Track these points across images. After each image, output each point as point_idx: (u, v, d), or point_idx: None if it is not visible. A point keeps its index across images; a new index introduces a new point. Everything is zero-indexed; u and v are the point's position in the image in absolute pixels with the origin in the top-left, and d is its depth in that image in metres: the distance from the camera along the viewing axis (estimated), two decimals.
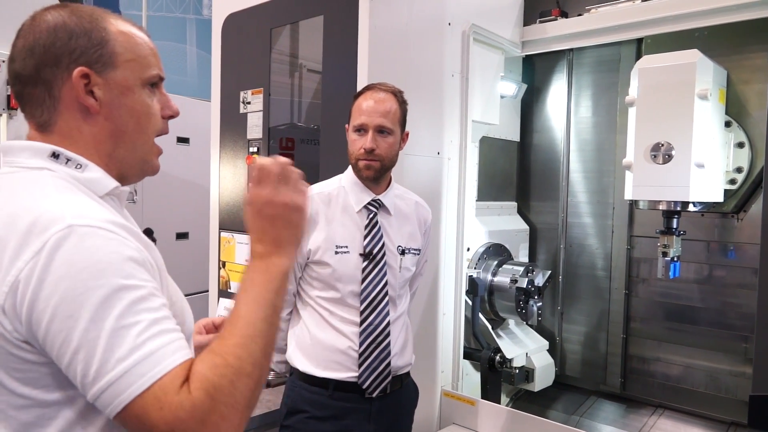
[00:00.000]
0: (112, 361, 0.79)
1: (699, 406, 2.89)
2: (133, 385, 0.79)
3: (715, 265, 2.87)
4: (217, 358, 0.85)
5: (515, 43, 3.12)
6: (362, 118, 1.87)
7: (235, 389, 0.84)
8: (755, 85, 2.65)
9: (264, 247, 0.99)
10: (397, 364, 1.93)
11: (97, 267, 0.81)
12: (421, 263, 2.12)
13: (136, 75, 0.99)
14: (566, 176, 3.37)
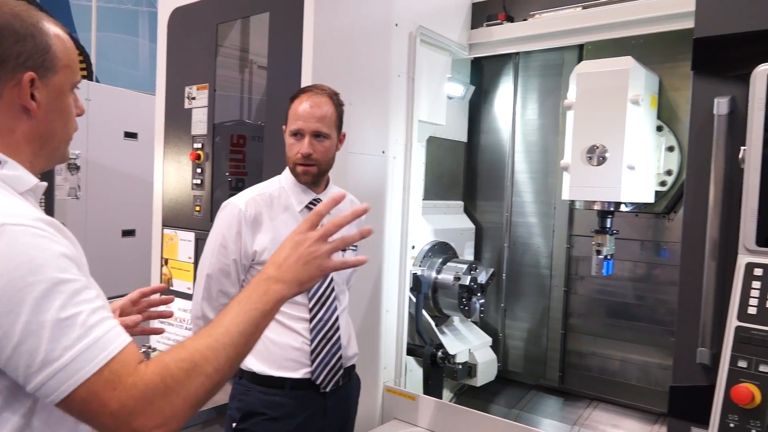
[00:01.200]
0: (59, 350, 0.83)
1: (632, 398, 3.01)
2: (82, 370, 0.84)
3: (648, 264, 3.00)
4: (183, 352, 0.92)
5: (462, 46, 3.19)
6: (298, 123, 1.88)
7: (189, 384, 0.90)
8: (685, 92, 2.77)
9: (278, 273, 1.08)
10: (347, 355, 1.98)
11: (34, 263, 0.85)
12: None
13: (68, 80, 1.05)
14: (511, 177, 3.45)
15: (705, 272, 1.84)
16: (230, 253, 1.87)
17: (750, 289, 1.45)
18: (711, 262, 1.83)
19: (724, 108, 1.85)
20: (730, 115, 1.85)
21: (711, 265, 1.83)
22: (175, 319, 2.84)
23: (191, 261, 2.82)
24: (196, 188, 2.79)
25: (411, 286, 2.88)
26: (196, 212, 2.79)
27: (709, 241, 1.84)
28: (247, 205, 1.90)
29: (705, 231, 1.87)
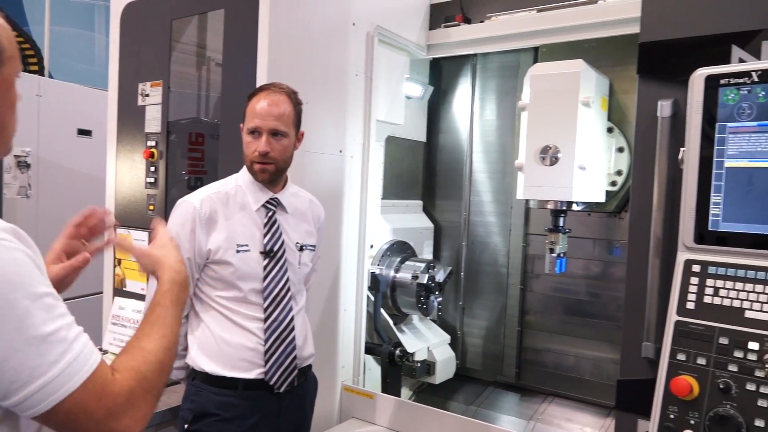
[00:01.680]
0: (45, 365, 0.87)
1: (585, 393, 3.09)
2: (68, 383, 0.88)
3: (601, 261, 3.08)
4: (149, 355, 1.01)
5: (420, 46, 3.21)
6: (256, 121, 1.87)
7: (159, 382, 1.01)
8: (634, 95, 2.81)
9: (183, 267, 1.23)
10: (303, 355, 1.97)
11: (13, 280, 0.86)
12: (315, 259, 2.16)
13: (15, 70, 1.02)
14: (469, 176, 3.50)
15: (649, 269, 1.90)
16: (184, 252, 1.83)
17: (688, 284, 1.51)
18: (655, 260, 1.89)
19: (667, 110, 1.92)
20: (672, 117, 1.91)
21: (655, 262, 1.89)
22: (129, 321, 2.79)
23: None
24: (149, 187, 2.74)
25: (369, 285, 2.89)
26: (150, 211, 2.74)
27: (653, 239, 1.90)
28: (202, 203, 1.88)
29: (650, 229, 1.93)
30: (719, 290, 1.46)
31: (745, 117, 1.48)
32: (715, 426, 1.35)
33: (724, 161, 1.51)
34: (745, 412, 1.34)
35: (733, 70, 1.52)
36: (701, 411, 1.40)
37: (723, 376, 1.39)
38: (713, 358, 1.42)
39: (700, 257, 1.52)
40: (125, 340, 2.76)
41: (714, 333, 1.43)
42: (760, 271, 1.42)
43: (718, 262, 1.49)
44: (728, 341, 1.40)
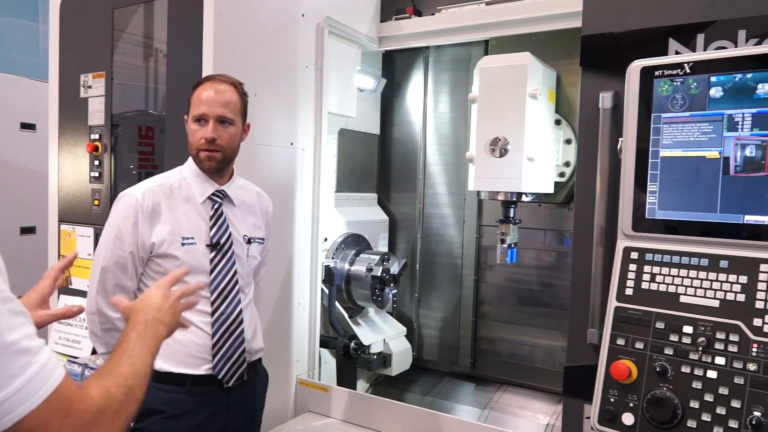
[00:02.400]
0: (6, 378, 0.80)
1: (538, 380, 3.15)
2: (31, 399, 0.81)
3: (552, 252, 3.14)
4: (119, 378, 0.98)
5: (372, 38, 3.20)
6: (202, 108, 1.84)
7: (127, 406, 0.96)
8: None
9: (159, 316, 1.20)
10: (252, 349, 1.94)
11: None
12: (264, 252, 2.13)
13: None
14: (423, 169, 3.51)
15: (593, 257, 1.94)
16: (126, 246, 1.80)
17: (627, 271, 1.55)
18: (598, 248, 1.93)
19: (608, 102, 1.96)
20: (613, 108, 1.95)
21: (598, 250, 1.93)
22: (76, 318, 2.70)
23: (91, 257, 2.69)
24: (94, 181, 2.66)
25: (323, 278, 2.88)
26: (95, 206, 2.66)
27: (596, 228, 1.94)
28: (145, 195, 1.83)
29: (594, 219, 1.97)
30: (656, 276, 1.50)
31: (678, 107, 1.53)
32: (652, 408, 1.40)
33: (659, 151, 1.55)
34: (680, 394, 1.38)
35: (666, 61, 1.56)
36: (639, 394, 1.44)
37: (660, 359, 1.43)
38: (650, 342, 1.46)
39: (638, 244, 1.57)
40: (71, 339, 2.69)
41: (651, 318, 1.47)
42: (694, 257, 1.47)
43: (654, 249, 1.53)
44: (664, 325, 1.45)
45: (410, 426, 2.44)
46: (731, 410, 1.31)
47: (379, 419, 2.51)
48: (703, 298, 1.42)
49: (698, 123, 1.49)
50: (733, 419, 1.31)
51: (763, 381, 1.30)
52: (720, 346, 1.36)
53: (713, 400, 1.34)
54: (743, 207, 1.42)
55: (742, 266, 1.39)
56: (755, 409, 1.29)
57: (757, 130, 1.41)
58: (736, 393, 1.32)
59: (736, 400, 1.31)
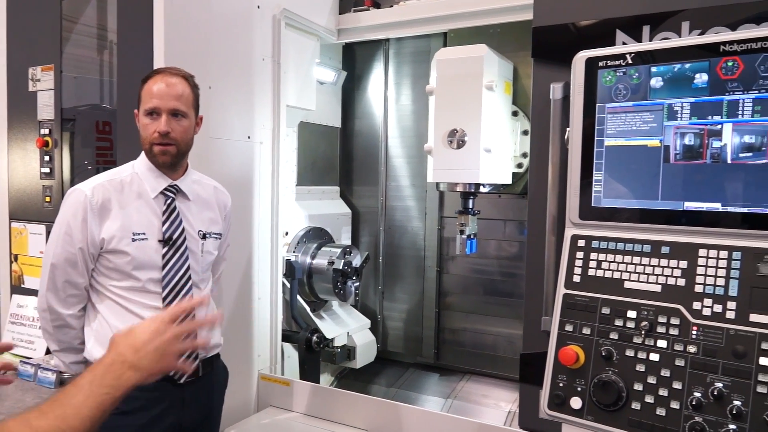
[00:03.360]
0: None
1: (501, 369, 3.19)
2: None
3: (512, 242, 3.18)
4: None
5: (331, 31, 3.18)
6: (154, 102, 1.81)
7: None
8: None
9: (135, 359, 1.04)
10: (206, 345, 1.91)
11: None
12: (223, 247, 2.11)
13: None
14: (385, 161, 3.52)
15: (546, 246, 1.98)
16: (76, 242, 1.77)
17: (575, 259, 1.58)
18: (551, 237, 1.97)
19: (559, 93, 1.99)
20: (564, 99, 1.99)
21: (551, 239, 1.96)
22: (28, 319, 2.63)
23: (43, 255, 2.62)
24: (45, 177, 2.59)
25: (284, 273, 2.87)
26: (46, 203, 2.60)
27: (548, 217, 1.97)
28: (94, 191, 1.80)
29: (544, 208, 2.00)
30: (602, 263, 1.53)
31: (621, 97, 1.56)
32: (599, 391, 1.43)
33: (604, 140, 1.58)
34: (625, 377, 1.42)
35: (609, 52, 1.59)
36: (587, 378, 1.47)
37: (605, 344, 1.46)
38: (597, 327, 1.49)
39: (585, 232, 1.60)
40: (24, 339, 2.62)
41: (597, 304, 1.51)
42: (637, 244, 1.50)
43: (600, 236, 1.56)
44: (610, 311, 1.48)
45: (373, 418, 2.46)
46: (673, 391, 1.35)
47: (342, 412, 2.52)
48: (646, 283, 1.46)
49: (640, 112, 1.52)
50: (674, 400, 1.35)
51: (702, 362, 1.34)
52: (662, 330, 1.40)
53: (656, 382, 1.38)
54: (683, 194, 1.46)
55: (682, 251, 1.43)
56: (695, 389, 1.33)
57: (695, 118, 1.45)
58: (677, 375, 1.36)
59: (677, 381, 1.35)
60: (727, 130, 1.41)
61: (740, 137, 1.40)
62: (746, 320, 1.31)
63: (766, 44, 1.38)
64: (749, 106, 1.39)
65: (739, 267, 1.35)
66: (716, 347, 1.33)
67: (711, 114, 1.43)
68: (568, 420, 1.48)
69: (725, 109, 1.42)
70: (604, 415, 1.42)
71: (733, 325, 1.32)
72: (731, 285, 1.34)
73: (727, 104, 1.41)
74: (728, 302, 1.34)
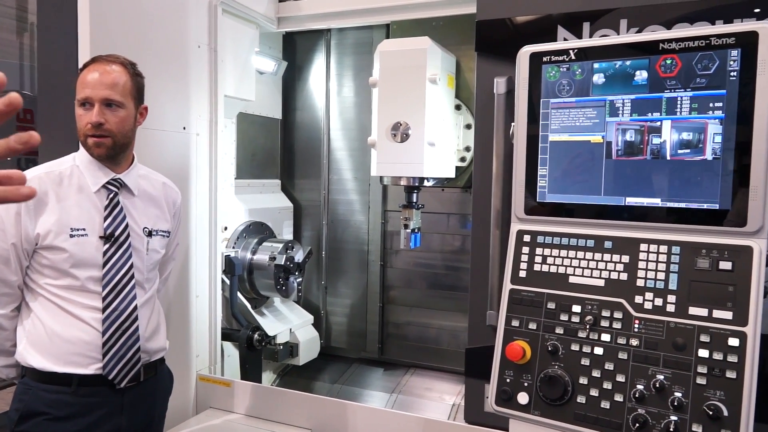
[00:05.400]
0: None
1: (444, 362, 3.21)
2: None
3: (455, 235, 3.19)
4: None
5: (270, 19, 3.08)
6: (86, 91, 1.71)
7: None
8: None
9: None
10: (149, 348, 1.82)
11: None
12: (172, 246, 2.02)
13: None
14: (328, 154, 3.45)
15: (491, 240, 1.98)
16: (9, 237, 1.66)
17: (521, 254, 1.58)
18: (495, 231, 1.98)
19: (503, 87, 1.99)
20: (508, 94, 1.99)
21: (495, 233, 1.97)
22: None
23: None
24: None
25: (224, 269, 2.77)
26: None
27: (493, 212, 1.98)
28: (29, 183, 1.66)
29: (489, 202, 2.01)
30: (547, 258, 1.54)
31: (565, 93, 1.56)
32: (545, 386, 1.44)
33: (548, 135, 1.59)
34: (570, 371, 1.43)
35: (553, 48, 1.59)
36: (533, 373, 1.48)
37: (551, 338, 1.47)
38: (543, 322, 1.50)
39: (530, 227, 1.60)
40: None
41: (543, 299, 1.51)
42: (581, 239, 1.52)
43: (545, 231, 1.57)
44: (555, 305, 1.49)
45: (317, 416, 2.41)
46: (616, 384, 1.38)
47: (285, 412, 2.45)
48: (590, 278, 1.48)
49: (583, 108, 1.53)
50: (618, 393, 1.37)
51: (644, 355, 1.37)
52: (605, 324, 1.42)
53: (600, 375, 1.40)
54: (625, 189, 1.48)
55: (624, 246, 1.45)
56: (638, 382, 1.35)
57: (636, 115, 1.47)
58: (620, 368, 1.38)
59: (621, 374, 1.37)
60: (666, 126, 1.44)
61: (678, 134, 1.43)
62: (685, 313, 1.34)
63: (702, 43, 1.41)
64: (687, 103, 1.42)
65: (678, 261, 1.38)
66: (657, 340, 1.36)
67: (651, 111, 1.45)
68: (516, 415, 1.48)
69: (664, 106, 1.44)
70: (550, 410, 1.43)
71: (673, 318, 1.35)
72: (671, 279, 1.37)
73: (666, 101, 1.44)
74: (668, 296, 1.37)
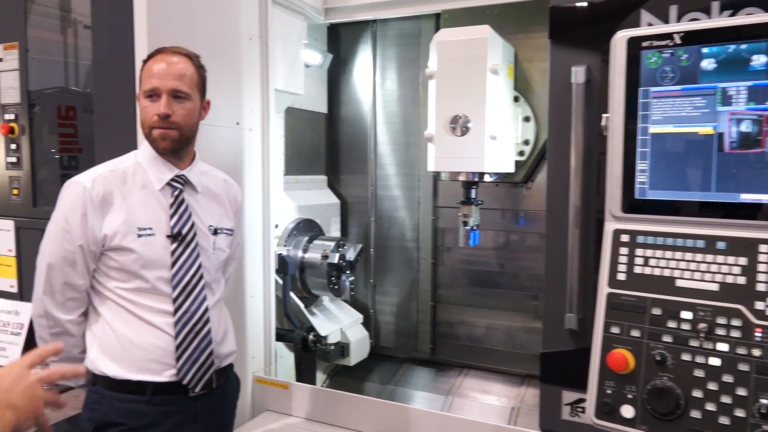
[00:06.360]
0: None
1: (499, 363, 3.11)
2: None
3: (509, 232, 3.08)
4: None
5: (318, 10, 2.99)
6: (153, 82, 1.63)
7: None
8: (539, 63, 2.84)
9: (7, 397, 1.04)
10: (221, 353, 1.74)
11: None
12: (234, 245, 1.93)
13: None
14: (374, 149, 3.36)
15: (569, 239, 1.87)
16: (75, 239, 1.59)
17: (618, 255, 1.47)
18: (575, 229, 1.86)
19: (581, 77, 1.87)
20: (586, 83, 1.87)
21: (575, 231, 1.86)
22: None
23: (12, 254, 2.39)
24: (11, 168, 2.35)
25: (277, 268, 2.69)
26: (13, 196, 2.36)
27: (572, 209, 1.86)
28: (94, 182, 1.62)
29: (568, 199, 1.89)
30: (649, 260, 1.43)
31: (668, 81, 1.45)
32: (653, 399, 1.33)
33: (648, 127, 1.47)
34: (682, 383, 1.32)
35: (655, 32, 1.47)
36: (638, 384, 1.37)
37: (658, 347, 1.36)
38: (647, 329, 1.39)
39: (629, 227, 1.49)
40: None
41: (646, 304, 1.40)
42: (689, 239, 1.40)
43: (646, 231, 1.46)
44: (661, 312, 1.38)
45: (377, 420, 2.32)
46: (737, 399, 1.26)
47: (345, 415, 2.38)
48: (701, 281, 1.36)
49: (690, 97, 1.41)
50: (739, 408, 1.25)
51: None
52: (722, 332, 1.30)
53: (718, 388, 1.28)
54: (739, 185, 1.36)
55: (741, 247, 1.33)
56: (762, 396, 1.24)
57: (752, 104, 1.35)
58: (741, 380, 1.26)
59: (741, 387, 1.26)
60: None
61: None
62: None
63: None
64: None
65: None
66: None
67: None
68: (620, 430, 1.38)
69: None
70: (660, 425, 1.32)
71: None
72: None
73: None
74: None
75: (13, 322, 2.35)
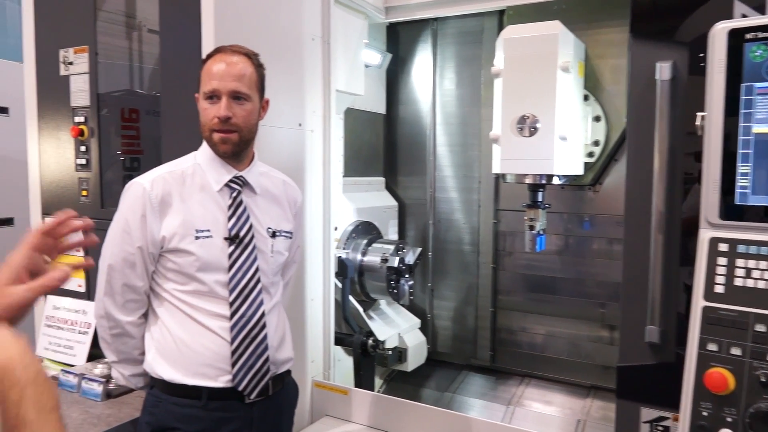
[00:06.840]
0: None
1: (562, 372, 2.98)
2: None
3: (574, 236, 2.95)
4: None
5: (378, 9, 2.95)
6: (213, 83, 1.61)
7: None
8: (609, 60, 2.71)
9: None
10: (277, 359, 1.71)
11: None
12: (293, 248, 1.90)
13: None
14: (433, 150, 3.29)
15: (651, 247, 1.75)
16: (135, 240, 1.59)
17: (715, 266, 1.36)
18: (658, 236, 1.75)
19: (667, 73, 1.76)
20: (672, 80, 1.75)
21: (658, 238, 1.75)
22: (65, 322, 2.45)
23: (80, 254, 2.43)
24: (81, 169, 2.39)
25: (336, 271, 2.66)
26: (83, 197, 2.40)
27: (655, 213, 1.75)
28: (153, 183, 1.61)
29: (649, 203, 1.78)
30: (752, 271, 1.31)
31: None
32: (758, 423, 1.21)
33: (751, 126, 1.35)
34: None
35: (760, 23, 1.35)
36: (739, 407, 1.26)
37: (762, 367, 1.25)
38: (749, 347, 1.27)
39: (728, 235, 1.37)
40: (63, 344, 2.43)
41: (748, 319, 1.28)
42: None
43: (748, 239, 1.34)
44: (766, 329, 1.26)
45: (439, 430, 2.25)
46: None
47: (405, 423, 2.31)
48: None
49: None
50: None
51: None
52: None
53: None
54: None
55: None
56: None
57: None
58: None
59: None
60: None
61: None
62: None
63: None
64: None
65: None
66: None
67: None
68: None
69: None
70: None
71: None
72: None
73: None
74: None
75: (81, 321, 2.39)
